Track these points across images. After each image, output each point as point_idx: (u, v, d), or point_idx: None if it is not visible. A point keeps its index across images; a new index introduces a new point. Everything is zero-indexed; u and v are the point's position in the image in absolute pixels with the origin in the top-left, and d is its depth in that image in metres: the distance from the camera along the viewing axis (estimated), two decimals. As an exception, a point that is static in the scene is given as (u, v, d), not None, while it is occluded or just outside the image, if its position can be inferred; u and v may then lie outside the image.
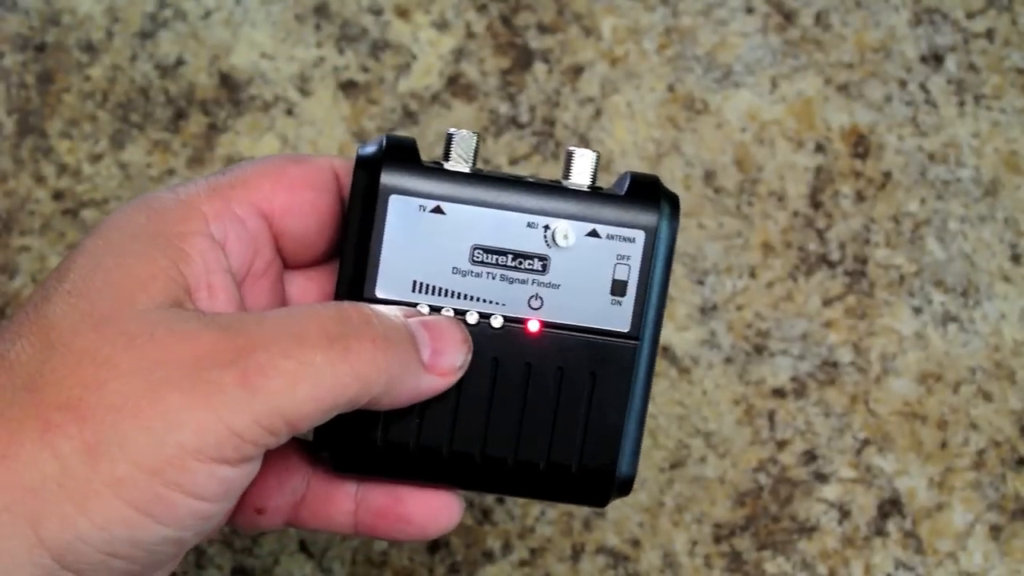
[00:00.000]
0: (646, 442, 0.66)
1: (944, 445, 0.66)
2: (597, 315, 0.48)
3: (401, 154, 0.47)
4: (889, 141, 0.69)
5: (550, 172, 0.68)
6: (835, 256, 0.68)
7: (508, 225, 0.47)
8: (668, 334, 0.67)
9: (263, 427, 0.42)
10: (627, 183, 0.48)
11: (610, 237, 0.47)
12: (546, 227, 0.47)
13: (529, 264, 0.47)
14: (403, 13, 0.69)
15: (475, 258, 0.47)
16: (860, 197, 0.68)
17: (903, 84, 0.69)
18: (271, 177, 0.48)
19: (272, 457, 0.48)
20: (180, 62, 0.69)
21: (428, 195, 0.47)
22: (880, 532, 0.66)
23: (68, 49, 0.69)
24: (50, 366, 0.42)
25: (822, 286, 0.67)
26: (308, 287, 0.50)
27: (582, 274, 0.47)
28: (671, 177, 0.68)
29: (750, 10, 0.70)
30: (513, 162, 0.68)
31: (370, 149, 0.47)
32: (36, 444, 0.41)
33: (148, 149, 0.68)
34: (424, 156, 0.48)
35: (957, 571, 0.65)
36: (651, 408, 0.66)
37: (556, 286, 0.47)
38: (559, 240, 0.47)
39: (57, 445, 0.41)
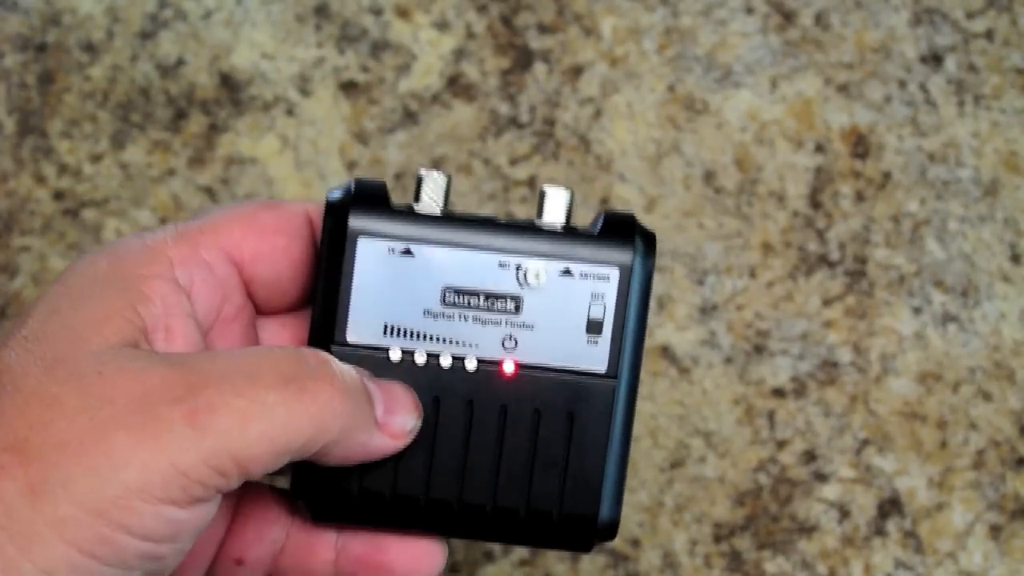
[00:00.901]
0: (646, 442, 0.66)
1: (944, 445, 0.66)
2: (573, 355, 0.47)
3: (369, 197, 0.47)
4: (889, 141, 0.69)
5: (550, 172, 0.68)
6: (835, 256, 0.68)
7: (479, 266, 0.47)
8: (668, 334, 0.67)
9: (211, 467, 0.41)
10: (601, 222, 0.48)
11: (584, 276, 0.47)
12: (518, 267, 0.47)
13: (502, 304, 0.47)
14: (403, 13, 0.70)
15: (446, 300, 0.46)
16: (860, 197, 0.68)
17: (903, 84, 0.69)
18: (241, 222, 0.47)
19: (250, 507, 0.47)
20: (180, 62, 0.69)
21: (397, 237, 0.46)
22: (880, 532, 0.66)
23: (68, 49, 0.69)
24: (0, 408, 0.41)
25: (822, 286, 0.68)
26: (281, 333, 0.49)
27: (556, 314, 0.47)
28: (671, 177, 0.68)
29: (750, 10, 0.70)
30: (513, 162, 0.68)
31: (337, 193, 0.47)
32: None
33: (148, 149, 0.68)
34: (424, 159, 0.48)
35: (957, 571, 0.65)
36: (651, 408, 0.66)
37: (530, 326, 0.47)
38: (531, 280, 0.47)
39: (1, 487, 0.40)
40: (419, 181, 0.47)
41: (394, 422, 0.45)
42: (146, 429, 0.40)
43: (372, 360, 0.46)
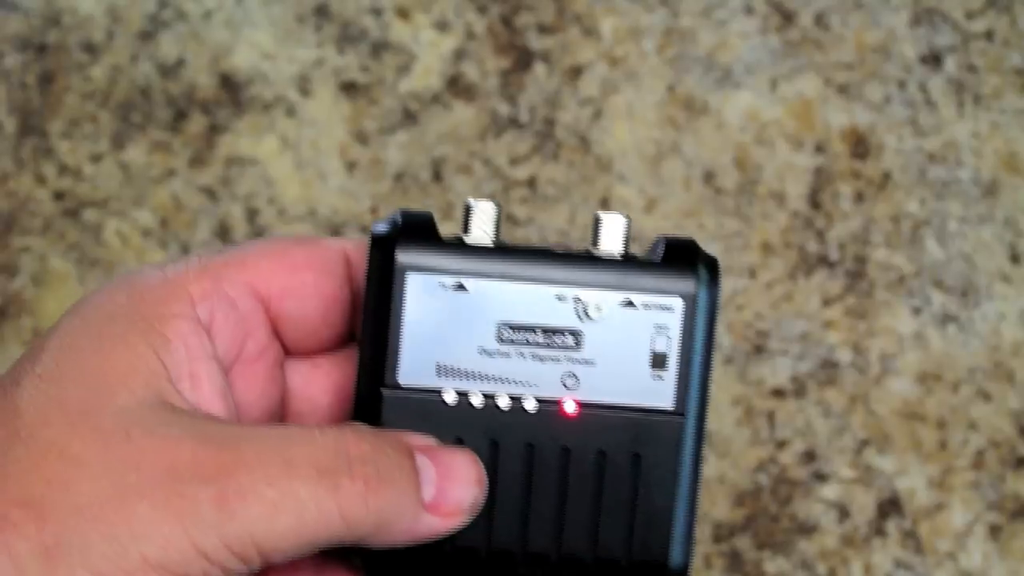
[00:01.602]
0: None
1: (943, 445, 0.66)
2: (637, 391, 0.44)
3: (417, 230, 0.44)
4: (889, 141, 0.69)
5: (550, 172, 0.68)
6: (835, 256, 0.68)
7: (536, 299, 0.44)
8: (668, 334, 0.67)
9: (233, 552, 0.39)
10: (661, 248, 0.45)
11: (646, 306, 0.44)
12: (577, 299, 0.44)
13: (561, 340, 0.44)
14: (403, 14, 0.70)
15: (502, 336, 0.44)
16: (860, 197, 0.68)
17: (903, 84, 0.69)
18: (270, 257, 0.44)
19: (310, 562, 0.45)
20: (181, 62, 0.69)
21: (448, 271, 0.44)
22: (879, 532, 0.66)
23: (69, 49, 0.69)
24: (12, 457, 0.39)
25: (822, 286, 0.68)
26: (313, 376, 0.47)
27: (619, 348, 0.44)
28: (671, 177, 0.68)
29: (750, 11, 0.70)
30: (513, 162, 0.68)
31: (383, 226, 0.44)
32: None
33: (149, 149, 0.68)
34: (424, 159, 0.47)
35: (956, 571, 0.65)
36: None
37: (591, 362, 0.44)
38: (592, 312, 0.44)
39: (13, 545, 0.38)
40: (468, 211, 0.45)
41: (448, 501, 0.42)
42: (171, 504, 0.38)
43: (425, 404, 0.44)
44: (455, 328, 0.44)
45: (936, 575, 0.65)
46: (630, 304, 0.44)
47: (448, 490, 0.42)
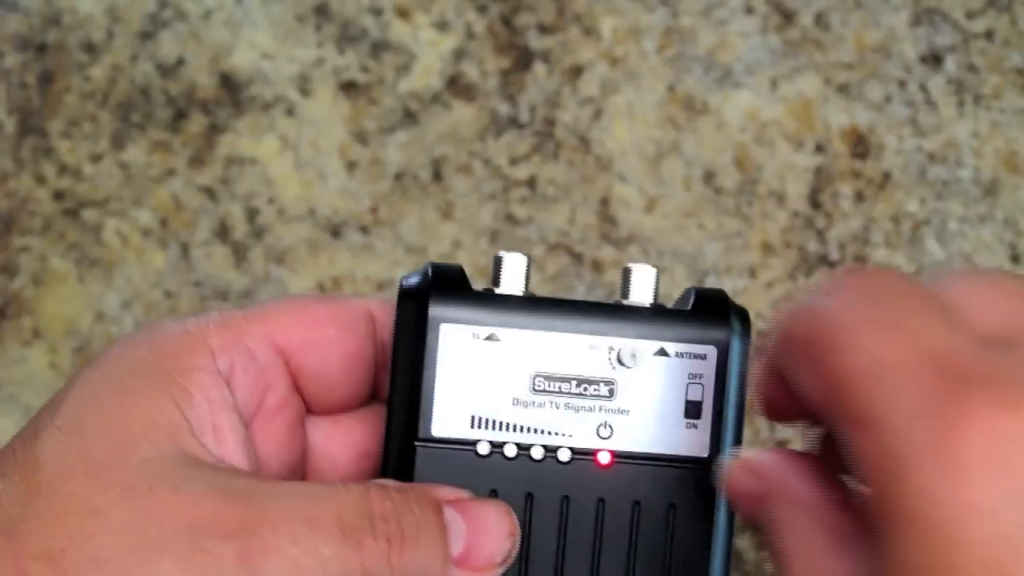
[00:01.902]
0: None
1: (944, 445, 0.66)
2: (672, 441, 0.44)
3: (448, 282, 0.44)
4: (889, 141, 0.69)
5: (550, 172, 0.68)
6: (835, 256, 0.68)
7: (569, 349, 0.44)
8: (668, 334, 0.67)
9: None
10: (692, 298, 0.45)
11: (680, 355, 0.44)
12: (610, 348, 0.44)
13: (595, 390, 0.44)
14: (403, 13, 0.70)
15: (536, 387, 0.44)
16: (860, 197, 0.68)
17: (903, 84, 0.69)
18: (292, 312, 0.44)
19: None
20: (180, 62, 0.69)
21: (481, 322, 0.44)
22: (880, 532, 0.66)
23: (68, 49, 0.69)
24: (34, 511, 0.39)
25: (822, 286, 0.68)
26: (333, 433, 0.46)
27: (653, 397, 0.44)
28: (671, 177, 0.68)
29: (750, 10, 0.70)
30: (513, 162, 0.68)
31: (414, 279, 0.44)
32: None
33: (149, 149, 0.68)
34: (424, 159, 0.47)
35: (957, 571, 0.65)
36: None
37: (626, 412, 0.44)
38: (626, 361, 0.44)
39: None
40: (498, 262, 0.45)
41: (479, 555, 0.42)
42: (194, 560, 0.38)
43: (459, 456, 0.43)
44: (489, 379, 0.44)
45: (936, 575, 0.65)
46: (663, 353, 0.44)
47: (479, 544, 0.42)
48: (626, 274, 0.45)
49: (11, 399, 0.67)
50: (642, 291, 0.45)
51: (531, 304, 0.44)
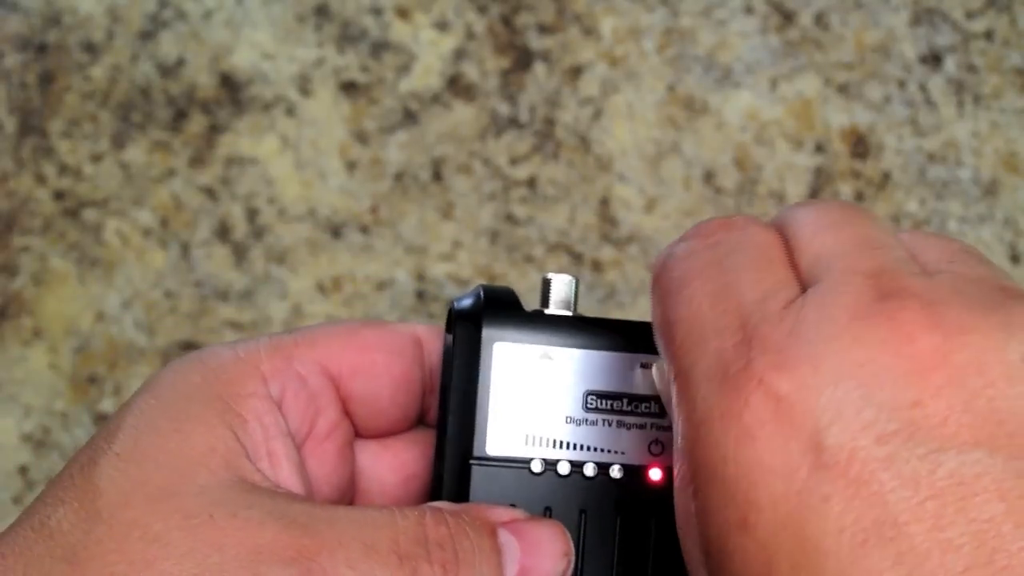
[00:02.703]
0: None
1: (943, 445, 0.66)
2: None
3: (501, 303, 0.45)
4: (889, 141, 0.69)
5: (550, 172, 0.68)
6: (835, 256, 0.68)
7: (620, 367, 0.44)
8: (668, 334, 0.67)
9: None
10: None
11: None
12: (660, 367, 0.44)
13: (646, 407, 0.44)
14: (403, 13, 0.70)
15: (588, 405, 0.44)
16: (860, 197, 0.68)
17: (903, 84, 0.69)
18: (341, 338, 0.45)
19: None
20: (181, 62, 0.69)
21: (533, 342, 0.44)
22: (880, 532, 0.66)
23: (69, 49, 0.69)
24: (94, 537, 0.39)
25: (822, 286, 0.68)
26: (382, 456, 0.47)
27: None
28: (671, 177, 0.68)
29: (750, 10, 0.70)
30: (513, 162, 0.68)
31: (467, 301, 0.45)
32: None
33: (149, 149, 0.68)
34: (424, 159, 0.47)
35: (956, 571, 0.65)
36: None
37: None
38: None
39: None
40: (546, 284, 0.45)
41: None
42: None
43: (513, 475, 0.44)
44: (541, 397, 0.44)
45: (936, 575, 0.65)
46: None
47: (533, 566, 0.42)
48: None
49: (11, 399, 0.67)
50: None
51: (581, 324, 0.45)
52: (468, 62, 0.69)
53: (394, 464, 0.47)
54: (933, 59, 0.70)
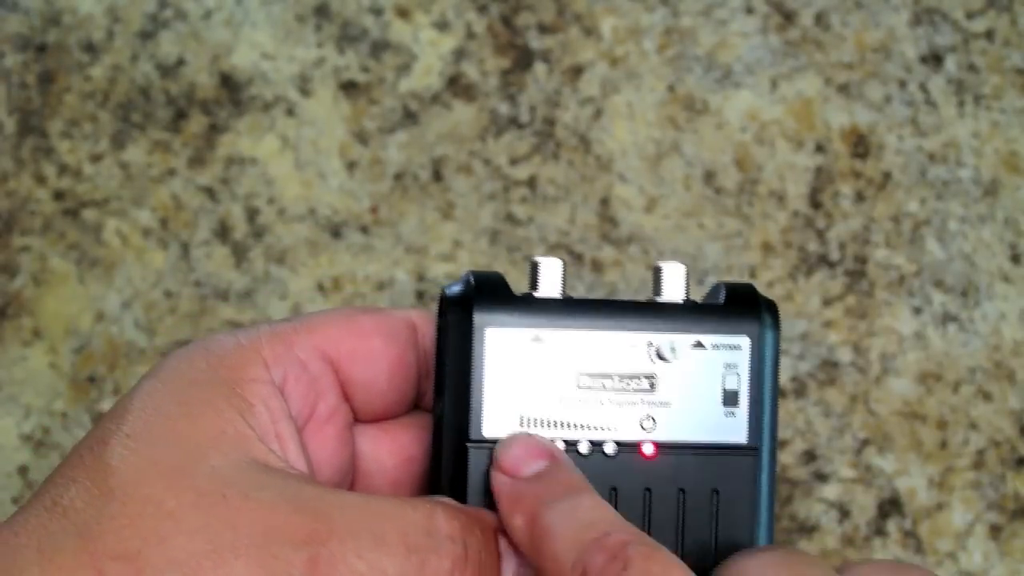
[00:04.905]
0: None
1: (944, 445, 0.66)
2: (712, 429, 0.46)
3: (491, 288, 0.46)
4: (889, 141, 0.69)
5: (550, 172, 0.68)
6: (835, 256, 0.68)
7: (610, 346, 0.46)
8: (668, 334, 0.67)
9: None
10: (722, 292, 0.47)
11: (716, 347, 0.46)
12: (649, 343, 0.46)
13: (637, 384, 0.46)
14: (403, 13, 0.70)
15: (581, 384, 0.45)
16: (860, 197, 0.68)
17: (903, 84, 0.69)
18: (338, 324, 0.46)
19: None
20: (181, 62, 0.69)
21: (524, 325, 0.45)
22: (880, 532, 0.66)
23: (69, 49, 0.69)
24: (108, 514, 0.40)
25: (822, 286, 0.68)
26: (381, 439, 0.48)
27: (692, 388, 0.46)
28: (671, 177, 0.68)
29: (750, 10, 0.70)
30: (513, 162, 0.68)
31: (458, 287, 0.46)
32: None
33: (149, 149, 0.68)
34: (424, 159, 0.47)
35: (957, 571, 0.65)
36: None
37: (667, 404, 0.46)
38: (665, 355, 0.46)
39: None
40: (535, 267, 0.46)
41: None
42: (265, 564, 0.39)
43: None
44: (535, 379, 0.45)
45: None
46: (700, 345, 0.46)
47: (528, 572, 0.43)
48: (657, 273, 0.47)
49: (11, 399, 0.67)
50: (674, 288, 0.47)
51: (571, 306, 0.46)
52: (468, 62, 0.69)
53: (393, 447, 0.48)
54: (934, 59, 0.70)
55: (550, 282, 0.46)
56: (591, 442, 0.45)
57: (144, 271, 0.68)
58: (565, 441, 0.45)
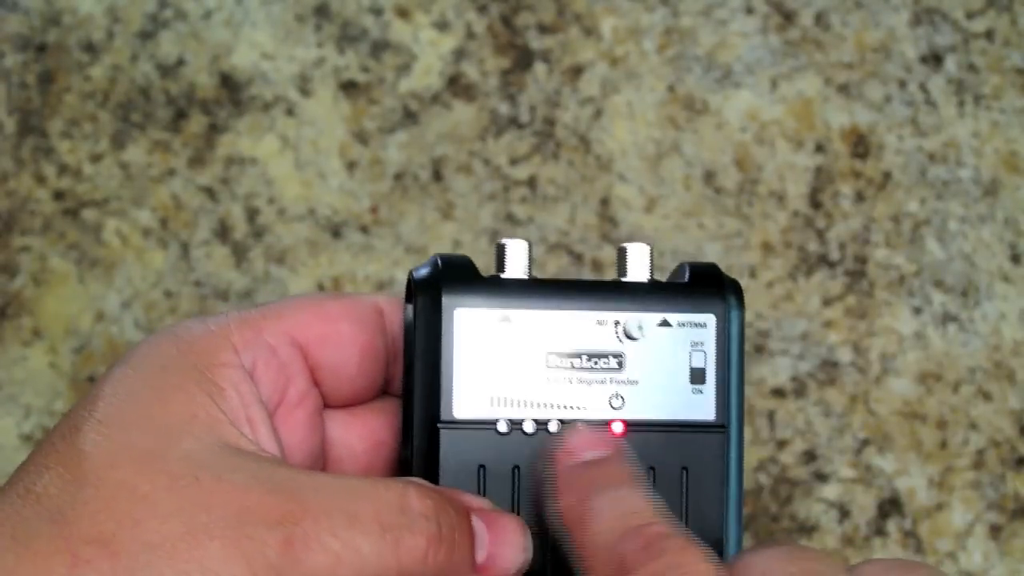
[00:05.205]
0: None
1: (944, 445, 0.66)
2: (680, 407, 0.46)
3: (458, 269, 0.46)
4: (889, 141, 0.69)
5: (550, 172, 0.68)
6: (835, 256, 0.68)
7: (578, 326, 0.46)
8: (668, 334, 0.67)
9: None
10: (687, 272, 0.47)
11: (682, 325, 0.46)
12: (616, 322, 0.46)
13: (605, 363, 0.46)
14: (403, 13, 0.70)
15: (550, 363, 0.46)
16: (860, 197, 0.68)
17: (903, 84, 0.69)
18: (307, 309, 0.46)
19: None
20: (181, 62, 0.69)
21: (492, 305, 0.46)
22: (880, 532, 0.66)
23: (69, 49, 0.69)
24: (81, 499, 0.40)
25: (822, 286, 0.68)
26: (350, 424, 0.48)
27: (659, 366, 0.46)
28: (671, 177, 0.68)
29: (750, 10, 0.70)
30: (513, 162, 0.68)
31: (425, 270, 0.46)
32: None
33: (149, 149, 0.68)
34: (424, 159, 0.48)
35: (957, 571, 0.65)
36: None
37: (635, 382, 0.46)
38: (632, 333, 0.46)
39: None
40: (501, 249, 0.47)
41: (498, 565, 0.43)
42: (240, 545, 0.40)
43: (481, 435, 0.45)
44: (504, 359, 0.46)
45: (936, 575, 0.65)
46: (666, 324, 0.46)
47: (499, 555, 0.43)
48: (622, 253, 0.47)
49: (11, 399, 0.67)
50: (639, 268, 0.47)
51: (538, 286, 0.46)
52: (468, 62, 0.69)
53: (363, 432, 0.48)
54: (933, 59, 0.70)
55: (517, 263, 0.47)
56: (560, 421, 0.46)
57: (144, 271, 0.68)
58: (535, 420, 0.46)
